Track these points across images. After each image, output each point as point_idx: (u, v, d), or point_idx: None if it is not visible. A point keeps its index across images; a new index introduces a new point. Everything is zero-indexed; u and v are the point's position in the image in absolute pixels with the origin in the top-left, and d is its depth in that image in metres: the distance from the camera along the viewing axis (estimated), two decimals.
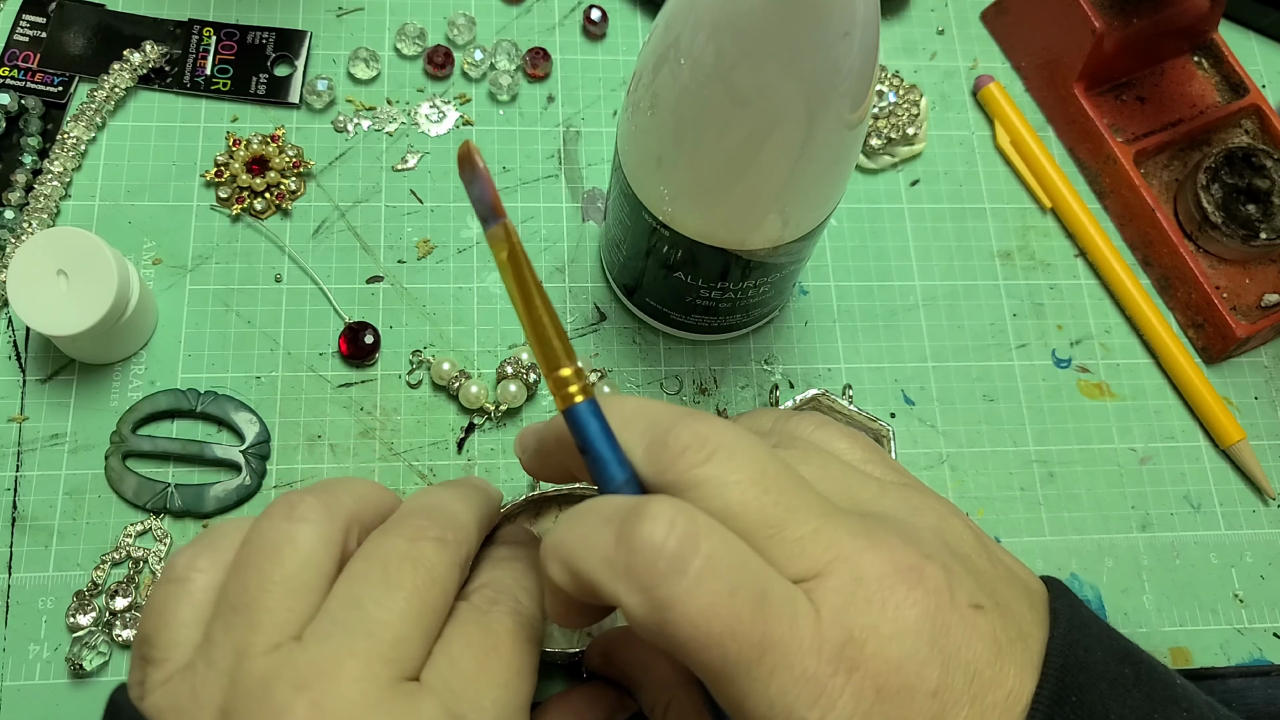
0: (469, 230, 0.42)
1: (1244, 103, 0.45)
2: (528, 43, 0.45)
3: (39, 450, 0.37)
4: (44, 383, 0.38)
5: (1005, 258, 0.44)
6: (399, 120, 0.44)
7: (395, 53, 0.45)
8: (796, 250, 0.35)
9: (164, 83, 0.43)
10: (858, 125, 0.30)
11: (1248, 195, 0.43)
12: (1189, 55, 0.47)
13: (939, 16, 0.49)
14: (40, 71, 0.42)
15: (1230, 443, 0.41)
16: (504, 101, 0.44)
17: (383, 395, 0.39)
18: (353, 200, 0.42)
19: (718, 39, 0.27)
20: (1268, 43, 0.50)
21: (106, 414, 0.38)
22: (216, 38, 0.44)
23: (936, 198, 0.45)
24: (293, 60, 0.44)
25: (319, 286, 0.41)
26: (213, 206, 0.41)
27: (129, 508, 0.37)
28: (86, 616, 0.35)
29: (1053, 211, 0.45)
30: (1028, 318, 0.43)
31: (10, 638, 0.35)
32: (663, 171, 0.32)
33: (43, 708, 0.34)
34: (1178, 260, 0.43)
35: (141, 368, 0.39)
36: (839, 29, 0.26)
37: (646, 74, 0.30)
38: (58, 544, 0.36)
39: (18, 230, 0.39)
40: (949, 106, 0.47)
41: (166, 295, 0.40)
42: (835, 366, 0.42)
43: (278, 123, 0.43)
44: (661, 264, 0.36)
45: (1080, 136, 0.46)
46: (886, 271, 0.44)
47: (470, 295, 0.41)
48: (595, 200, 0.43)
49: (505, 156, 0.44)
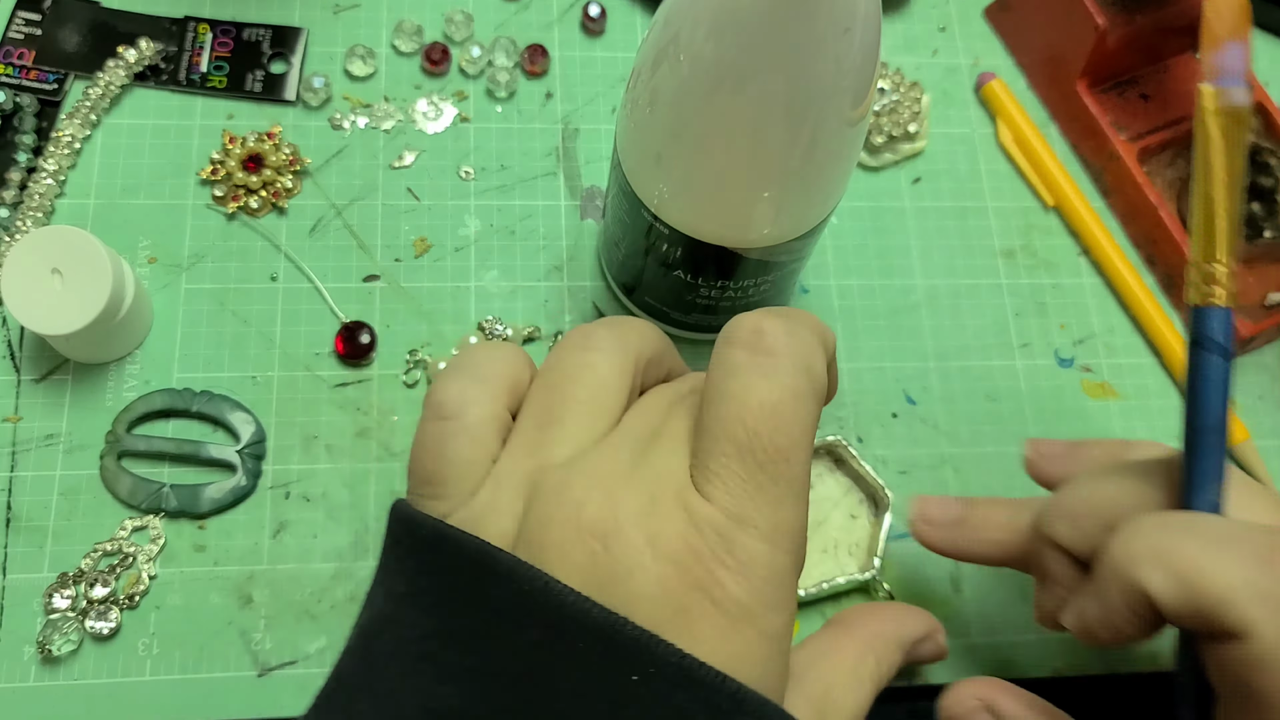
0: (466, 229, 0.42)
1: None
2: (526, 39, 0.45)
3: (33, 450, 0.37)
4: (38, 382, 0.38)
5: (1008, 256, 0.44)
6: (396, 118, 0.43)
7: (392, 49, 0.44)
8: (797, 248, 0.35)
9: (159, 80, 0.43)
10: (859, 122, 0.30)
11: (1251, 193, 0.43)
12: (1192, 52, 0.46)
13: (941, 13, 0.48)
14: (35, 69, 0.42)
15: (1234, 443, 0.41)
16: (502, 98, 0.44)
17: (379, 395, 0.39)
18: (349, 198, 0.42)
19: (717, 35, 0.27)
20: (1272, 40, 0.49)
21: (101, 414, 0.38)
22: (212, 34, 0.44)
23: (938, 196, 0.45)
24: (289, 57, 0.44)
25: (315, 285, 0.40)
26: (208, 205, 0.41)
27: (124, 508, 0.37)
28: (64, 600, 0.35)
29: (1056, 210, 0.45)
30: (1030, 317, 0.43)
31: (4, 639, 0.35)
32: (662, 168, 0.32)
33: (38, 710, 0.34)
34: (1181, 259, 0.43)
35: (137, 367, 0.39)
36: (840, 25, 0.26)
37: (645, 70, 0.30)
38: (52, 545, 0.36)
39: (12, 229, 0.39)
40: (951, 104, 0.47)
41: (162, 294, 0.40)
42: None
43: (274, 120, 0.43)
44: (661, 262, 0.35)
45: (1083, 134, 0.46)
46: (888, 270, 0.43)
47: (468, 294, 0.41)
48: (594, 198, 0.43)
49: (503, 154, 0.43)
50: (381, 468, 0.38)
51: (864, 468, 0.38)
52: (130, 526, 0.36)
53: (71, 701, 0.34)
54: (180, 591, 0.36)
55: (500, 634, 0.22)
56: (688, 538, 0.23)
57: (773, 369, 0.24)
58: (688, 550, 0.23)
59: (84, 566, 0.35)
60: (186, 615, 0.35)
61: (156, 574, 0.36)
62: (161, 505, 0.36)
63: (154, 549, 0.36)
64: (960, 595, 0.38)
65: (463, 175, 0.43)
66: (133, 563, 0.36)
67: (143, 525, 0.36)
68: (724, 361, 0.25)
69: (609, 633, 0.22)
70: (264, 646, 0.35)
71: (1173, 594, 0.24)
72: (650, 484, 0.24)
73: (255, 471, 0.37)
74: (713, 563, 0.22)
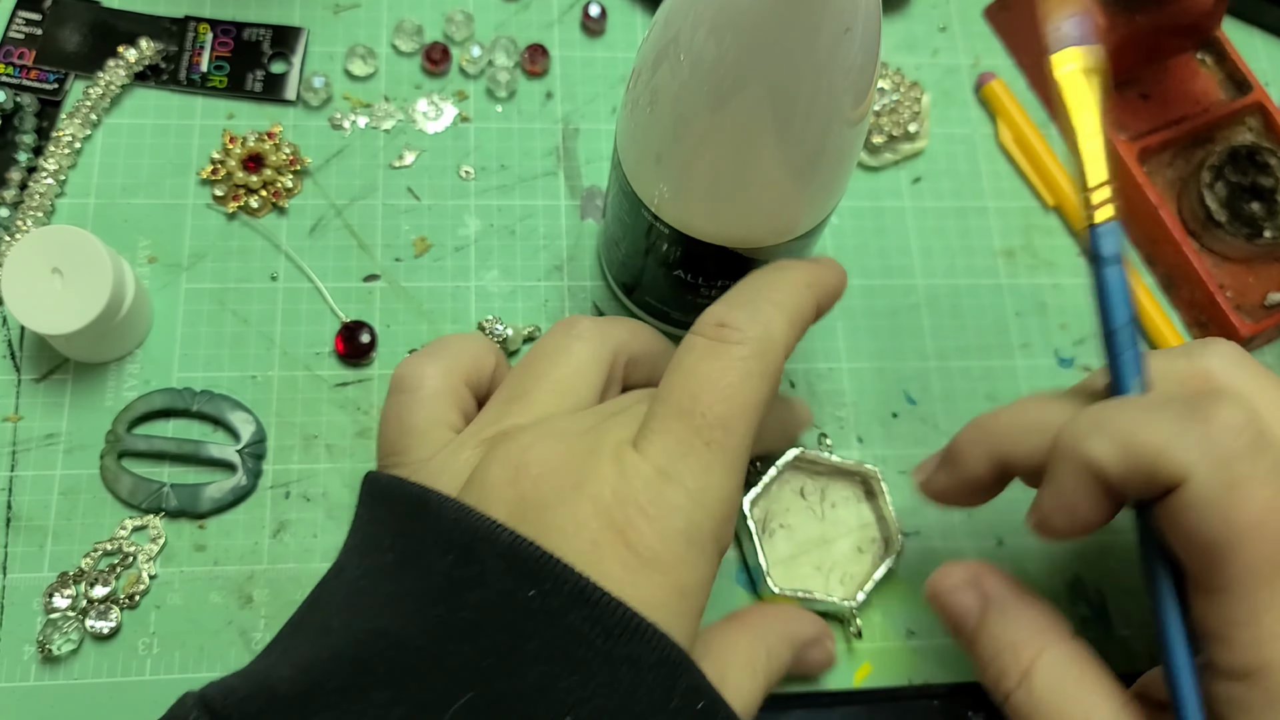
0: (466, 228, 0.42)
1: (1248, 100, 0.45)
2: (526, 39, 0.45)
3: (33, 450, 0.37)
4: (39, 382, 0.38)
5: (1008, 256, 0.44)
6: (396, 117, 0.43)
7: (392, 49, 0.44)
8: (797, 248, 0.35)
9: (159, 80, 0.43)
10: (859, 122, 0.30)
11: (1252, 193, 0.43)
12: (1192, 53, 0.46)
13: (941, 13, 0.48)
14: (35, 69, 0.42)
15: None
16: (502, 98, 0.44)
17: (380, 395, 0.39)
18: (349, 198, 0.42)
19: (717, 35, 0.27)
20: (1272, 40, 0.49)
21: (101, 413, 0.38)
22: (212, 34, 0.44)
23: (939, 195, 0.45)
24: (289, 57, 0.44)
25: (315, 285, 0.40)
26: (208, 205, 0.41)
27: (124, 507, 0.37)
28: (64, 599, 0.35)
29: (1056, 209, 0.45)
30: (1031, 316, 0.43)
31: (5, 639, 0.35)
32: (662, 168, 0.32)
33: (38, 710, 0.34)
34: (1181, 259, 0.43)
35: (137, 367, 0.39)
36: (840, 25, 0.26)
37: (645, 70, 0.30)
38: (52, 544, 0.36)
39: (12, 228, 0.39)
40: (951, 103, 0.47)
41: (162, 294, 0.40)
42: (836, 366, 0.41)
43: (274, 120, 0.43)
44: (661, 262, 0.35)
45: None
46: (888, 270, 0.43)
47: (468, 294, 0.41)
48: (594, 198, 0.43)
49: (503, 154, 0.43)
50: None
51: (889, 510, 0.38)
52: (130, 526, 0.36)
53: (71, 701, 0.34)
54: (180, 591, 0.36)
55: (425, 562, 0.24)
56: (614, 483, 0.24)
57: (725, 351, 0.26)
58: (612, 494, 0.24)
59: (84, 566, 0.35)
60: (186, 615, 0.35)
61: (156, 573, 0.36)
62: (161, 505, 0.36)
63: (154, 548, 0.36)
64: None
65: (463, 175, 0.43)
66: (133, 562, 0.36)
67: (143, 525, 0.36)
68: (685, 344, 0.27)
69: (514, 552, 0.23)
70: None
71: (1116, 458, 0.25)
72: (595, 439, 0.25)
73: (255, 471, 0.37)
74: (633, 509, 0.24)
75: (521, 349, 0.40)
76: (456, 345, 0.30)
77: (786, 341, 0.27)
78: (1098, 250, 0.29)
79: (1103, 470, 0.26)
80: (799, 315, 0.28)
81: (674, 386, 0.25)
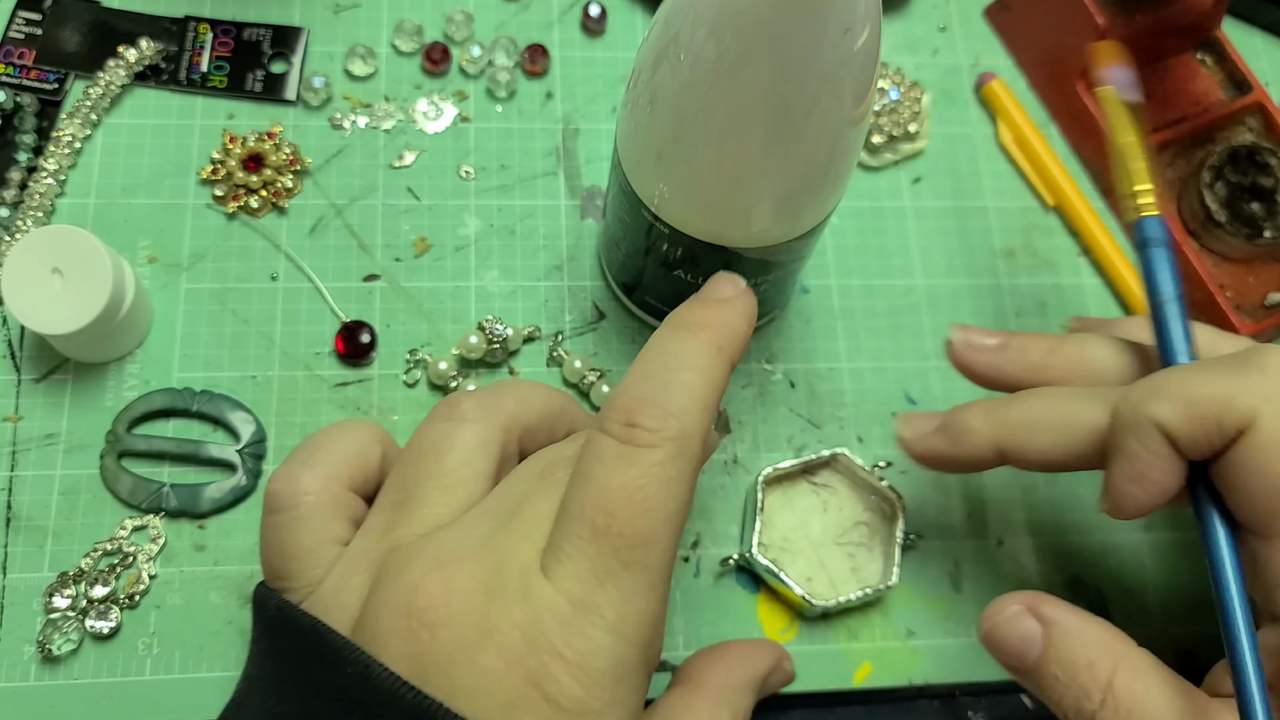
0: (466, 228, 0.42)
1: (1248, 100, 0.45)
2: (526, 39, 0.45)
3: (33, 450, 0.37)
4: (38, 382, 0.38)
5: (1008, 256, 0.44)
6: (396, 117, 0.43)
7: (392, 49, 0.44)
8: (798, 248, 0.35)
9: (159, 80, 0.43)
10: (859, 122, 0.30)
11: (1252, 193, 0.43)
12: (1192, 53, 0.46)
13: (941, 13, 0.48)
14: (35, 68, 0.42)
15: None
16: (502, 98, 0.44)
17: (380, 395, 0.39)
18: (349, 198, 0.42)
19: (717, 35, 0.27)
20: (1272, 40, 0.49)
21: (101, 413, 0.38)
22: (212, 34, 0.44)
23: (939, 195, 0.45)
24: (289, 57, 0.44)
25: (315, 285, 0.40)
26: (208, 205, 0.41)
27: (124, 507, 0.37)
28: (64, 600, 0.35)
29: (1056, 209, 0.45)
30: (1031, 316, 0.43)
31: (5, 639, 0.35)
32: (662, 168, 0.32)
33: (38, 710, 0.34)
34: (1181, 259, 0.43)
35: (137, 366, 0.38)
36: (840, 25, 0.26)
37: (646, 70, 0.30)
38: (52, 544, 0.36)
39: (12, 228, 0.39)
40: (951, 103, 0.47)
41: (162, 294, 0.40)
42: (837, 365, 0.41)
43: (274, 120, 0.43)
44: (661, 262, 0.35)
45: (1083, 134, 0.45)
46: (888, 270, 0.43)
47: (468, 294, 0.41)
48: (594, 198, 0.43)
49: (503, 154, 0.43)
50: None
51: (869, 473, 0.38)
52: (130, 526, 0.36)
53: (71, 701, 0.34)
54: (180, 591, 0.36)
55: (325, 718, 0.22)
56: (525, 626, 0.22)
57: (639, 457, 0.23)
58: (523, 640, 0.22)
59: (84, 566, 0.35)
60: (186, 615, 0.35)
61: (156, 573, 0.36)
62: (161, 505, 0.36)
63: (154, 548, 0.36)
64: (960, 595, 0.38)
65: (463, 175, 0.43)
66: (133, 562, 0.36)
67: (143, 525, 0.36)
68: (593, 445, 0.24)
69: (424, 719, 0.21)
70: None
71: (1181, 415, 0.26)
72: (495, 566, 0.23)
73: (255, 471, 0.37)
74: (548, 656, 0.22)
75: (522, 349, 0.40)
76: (333, 444, 0.27)
77: (704, 428, 0.24)
78: (1146, 235, 0.31)
79: (1170, 429, 0.26)
80: (714, 391, 0.25)
81: (586, 501, 0.23)
